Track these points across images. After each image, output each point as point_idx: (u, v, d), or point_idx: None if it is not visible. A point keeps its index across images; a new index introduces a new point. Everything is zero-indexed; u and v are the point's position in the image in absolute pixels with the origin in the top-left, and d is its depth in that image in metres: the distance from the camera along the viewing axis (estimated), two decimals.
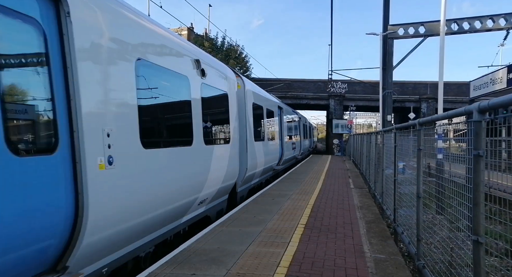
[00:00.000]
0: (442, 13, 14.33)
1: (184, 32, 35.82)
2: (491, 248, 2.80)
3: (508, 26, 18.93)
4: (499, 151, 3.10)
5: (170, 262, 4.65)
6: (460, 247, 3.30)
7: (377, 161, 9.19)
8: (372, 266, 4.61)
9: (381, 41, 21.01)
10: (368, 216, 7.46)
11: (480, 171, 2.65)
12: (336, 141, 35.11)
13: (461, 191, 3.21)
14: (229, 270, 4.39)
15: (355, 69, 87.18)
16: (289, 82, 34.98)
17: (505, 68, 15.04)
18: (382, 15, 21.09)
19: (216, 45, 31.54)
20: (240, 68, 32.09)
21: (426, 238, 4.45)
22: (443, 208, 3.82)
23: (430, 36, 19.89)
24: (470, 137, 2.81)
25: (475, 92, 17.98)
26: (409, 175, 5.68)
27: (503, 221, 2.67)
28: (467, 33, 19.75)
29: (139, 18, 4.63)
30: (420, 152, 4.51)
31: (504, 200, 2.92)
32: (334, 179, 13.92)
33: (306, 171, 16.91)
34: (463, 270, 3.13)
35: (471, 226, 2.72)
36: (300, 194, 10.08)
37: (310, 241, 5.61)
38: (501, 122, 2.87)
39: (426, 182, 4.56)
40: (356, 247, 5.35)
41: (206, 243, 5.45)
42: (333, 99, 34.82)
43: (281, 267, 4.49)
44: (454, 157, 4.50)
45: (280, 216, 7.26)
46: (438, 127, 4.71)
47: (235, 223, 6.72)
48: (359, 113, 46.17)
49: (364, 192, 10.78)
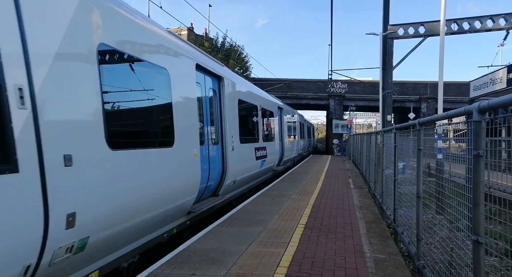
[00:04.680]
0: (442, 13, 14.33)
1: (184, 32, 35.82)
2: (491, 248, 2.80)
3: (508, 26, 18.93)
4: (499, 151, 3.10)
5: (170, 262, 4.66)
6: (460, 247, 3.31)
7: (377, 161, 9.19)
8: (372, 266, 4.61)
9: (381, 41, 21.01)
10: (368, 216, 7.46)
11: (480, 171, 2.65)
12: (336, 141, 35.10)
13: (461, 191, 3.21)
14: (229, 270, 4.39)
15: (355, 69, 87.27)
16: (289, 82, 34.97)
17: (505, 68, 15.02)
18: (382, 15, 21.10)
19: (216, 45, 31.54)
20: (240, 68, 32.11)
21: (426, 238, 4.45)
22: (443, 208, 3.82)
23: (430, 36, 19.88)
24: (470, 137, 2.81)
25: (475, 92, 17.97)
26: (409, 175, 5.69)
27: (503, 221, 2.67)
28: (467, 33, 19.75)
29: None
30: (420, 152, 4.51)
31: (504, 200, 2.91)
32: (334, 179, 13.92)
33: (306, 171, 16.90)
34: (463, 270, 3.13)
35: (471, 226, 2.72)
36: (300, 194, 10.08)
37: (310, 241, 5.61)
38: (501, 122, 2.87)
39: (426, 182, 4.56)
40: (356, 247, 5.35)
41: (206, 243, 5.45)
42: (333, 99, 34.82)
43: (281, 267, 4.49)
44: (454, 157, 4.51)
45: (280, 216, 7.26)
46: (438, 127, 4.71)
47: (235, 223, 6.72)
48: (359, 113, 46.17)
49: (364, 192, 10.78)
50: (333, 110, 34.82)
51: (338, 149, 34.93)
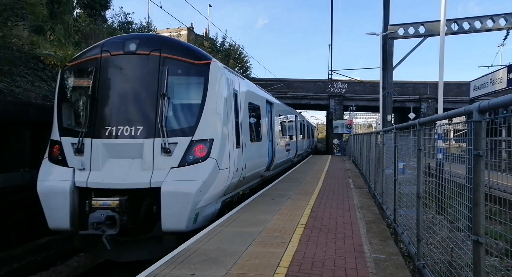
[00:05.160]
0: (442, 13, 14.32)
1: (183, 32, 35.78)
2: (491, 248, 2.80)
3: (508, 26, 18.92)
4: (499, 151, 3.10)
5: (169, 262, 4.65)
6: (460, 247, 3.30)
7: (377, 161, 9.19)
8: (372, 266, 4.61)
9: (381, 41, 21.00)
10: (368, 216, 7.46)
11: (480, 171, 2.65)
12: (336, 141, 35.10)
13: (461, 191, 3.21)
14: (229, 270, 4.38)
15: (355, 69, 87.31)
16: (289, 82, 34.98)
17: (505, 68, 15.02)
18: (382, 15, 21.09)
19: (215, 45, 31.55)
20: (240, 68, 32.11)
21: (426, 238, 4.45)
22: (443, 208, 3.82)
23: (430, 36, 19.87)
24: (470, 137, 2.81)
25: (475, 92, 17.96)
26: (409, 175, 5.69)
27: (503, 221, 2.67)
28: (467, 33, 19.74)
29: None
30: (420, 152, 4.51)
31: (504, 200, 2.91)
32: (334, 179, 13.92)
33: (306, 171, 16.90)
34: (463, 270, 3.13)
35: (471, 226, 2.72)
36: (300, 194, 10.07)
37: (310, 241, 5.61)
38: (501, 122, 2.87)
39: (426, 182, 4.56)
40: (356, 247, 5.35)
41: (206, 243, 5.44)
42: (333, 99, 34.81)
43: (281, 267, 4.48)
44: (454, 157, 4.51)
45: (280, 216, 7.25)
46: (438, 127, 4.71)
47: (235, 223, 6.72)
48: (359, 113, 46.16)
49: (364, 192, 10.78)
50: (333, 110, 34.82)
51: (338, 149, 34.92)
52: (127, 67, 6.98)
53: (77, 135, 6.72)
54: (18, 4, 10.98)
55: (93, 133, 6.72)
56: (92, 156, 6.64)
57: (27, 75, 11.24)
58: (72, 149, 6.75)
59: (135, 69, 6.98)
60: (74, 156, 6.73)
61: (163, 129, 6.60)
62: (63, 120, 7.15)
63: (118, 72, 6.99)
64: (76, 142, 6.70)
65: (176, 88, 7.01)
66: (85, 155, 6.67)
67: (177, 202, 6.23)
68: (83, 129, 6.73)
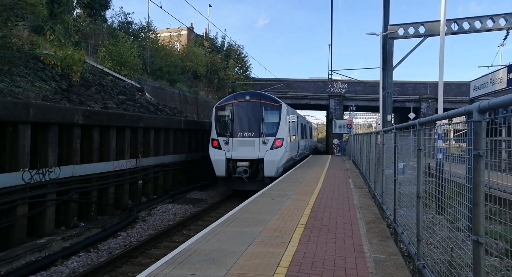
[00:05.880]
0: (442, 13, 14.32)
1: (184, 32, 35.72)
2: (491, 248, 2.80)
3: (508, 26, 18.90)
4: (499, 151, 3.10)
5: (169, 262, 4.65)
6: (460, 247, 3.30)
7: (377, 161, 9.18)
8: (372, 266, 4.61)
9: (381, 41, 20.98)
10: (368, 216, 7.46)
11: (480, 171, 2.65)
12: (336, 141, 35.09)
13: (461, 191, 3.21)
14: (229, 270, 4.38)
15: (355, 69, 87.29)
16: (289, 82, 34.98)
17: (505, 68, 14.99)
18: (382, 15, 21.08)
19: (215, 45, 31.54)
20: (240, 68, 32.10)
21: (426, 238, 4.45)
22: (443, 208, 3.82)
23: (430, 36, 19.84)
24: (470, 137, 2.81)
25: (475, 92, 17.94)
26: (409, 175, 5.68)
27: (503, 221, 2.67)
28: (467, 33, 19.71)
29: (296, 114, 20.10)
30: (420, 152, 4.51)
31: (504, 200, 2.91)
32: (334, 179, 13.92)
33: (306, 171, 16.91)
34: (463, 270, 3.13)
35: (471, 226, 2.72)
36: (300, 194, 10.07)
37: (310, 241, 5.61)
38: (501, 122, 2.87)
39: (426, 182, 4.56)
40: (356, 247, 5.35)
41: (206, 243, 5.44)
42: (333, 99, 34.81)
43: (281, 267, 4.48)
44: (454, 157, 4.50)
45: (280, 216, 7.25)
46: (438, 127, 4.71)
47: (235, 223, 6.72)
48: (359, 113, 46.18)
49: (364, 192, 10.78)
50: (333, 110, 34.82)
51: (338, 149, 34.92)
52: (245, 106, 15.32)
53: (225, 136, 14.98)
54: (18, 4, 10.99)
55: (232, 135, 14.95)
56: (233, 145, 14.83)
57: (27, 75, 11.24)
58: (223, 142, 14.92)
59: (248, 107, 15.29)
60: (224, 145, 14.88)
61: (263, 134, 14.93)
62: (217, 129, 15.29)
63: (242, 109, 15.28)
64: (225, 139, 14.91)
65: (266, 115, 15.19)
66: (229, 145, 14.85)
67: (271, 164, 14.67)
68: (228, 133, 15.00)
